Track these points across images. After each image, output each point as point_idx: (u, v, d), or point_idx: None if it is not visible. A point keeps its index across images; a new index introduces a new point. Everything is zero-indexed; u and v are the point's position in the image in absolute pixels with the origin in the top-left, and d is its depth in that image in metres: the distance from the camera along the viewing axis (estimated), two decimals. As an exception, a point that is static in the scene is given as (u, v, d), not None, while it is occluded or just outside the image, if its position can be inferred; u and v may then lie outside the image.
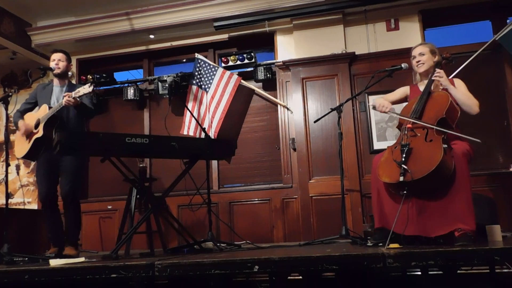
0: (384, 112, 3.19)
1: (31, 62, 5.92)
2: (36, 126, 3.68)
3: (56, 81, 3.90)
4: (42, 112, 3.70)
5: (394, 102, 3.46)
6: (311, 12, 5.22)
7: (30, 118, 3.78)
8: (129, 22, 5.64)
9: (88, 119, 3.90)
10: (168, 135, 3.86)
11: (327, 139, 5.11)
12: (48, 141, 3.52)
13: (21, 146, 3.79)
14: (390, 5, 5.17)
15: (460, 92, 3.05)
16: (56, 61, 3.86)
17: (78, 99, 3.49)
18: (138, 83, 5.89)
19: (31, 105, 3.91)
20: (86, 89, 3.43)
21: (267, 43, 5.71)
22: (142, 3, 5.56)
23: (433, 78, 3.09)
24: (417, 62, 3.22)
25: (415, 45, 3.32)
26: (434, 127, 2.82)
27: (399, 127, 3.08)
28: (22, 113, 3.89)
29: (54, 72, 3.85)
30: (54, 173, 3.75)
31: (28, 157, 3.80)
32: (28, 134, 3.74)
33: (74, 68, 5.90)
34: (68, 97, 3.46)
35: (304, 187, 5.09)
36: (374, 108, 3.31)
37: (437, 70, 3.10)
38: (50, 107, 3.66)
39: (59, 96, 3.76)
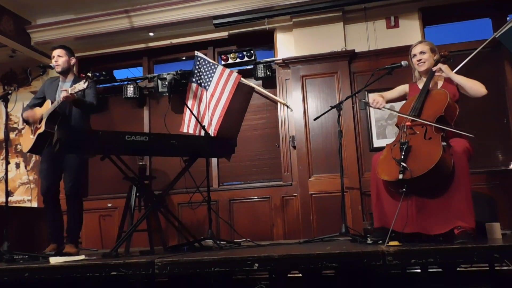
0: (378, 108, 3.22)
1: (30, 60, 5.92)
2: (40, 121, 3.70)
3: (61, 77, 3.91)
4: (45, 107, 3.72)
5: (391, 100, 3.47)
6: (311, 10, 5.21)
7: (37, 113, 3.80)
8: (128, 20, 5.63)
9: (90, 114, 3.90)
10: (168, 133, 3.86)
11: (327, 137, 5.11)
12: (50, 137, 3.52)
13: (27, 141, 3.82)
14: (390, 3, 5.16)
15: (463, 78, 3.06)
16: (56, 57, 3.87)
17: (74, 94, 3.49)
18: (137, 81, 5.88)
19: (40, 100, 3.92)
20: (81, 85, 3.44)
21: (266, 40, 5.70)
22: (141, 0, 5.55)
23: (433, 69, 3.10)
24: (418, 60, 3.22)
25: (415, 43, 3.32)
26: (433, 124, 2.83)
27: (398, 124, 3.08)
28: (31, 107, 3.91)
29: (55, 70, 3.86)
30: (57, 169, 3.75)
31: (33, 151, 3.83)
32: (34, 129, 3.75)
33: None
34: (66, 92, 3.47)
35: (304, 185, 5.09)
36: (367, 104, 3.35)
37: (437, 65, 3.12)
38: (52, 102, 3.67)
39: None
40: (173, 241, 5.10)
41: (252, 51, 5.38)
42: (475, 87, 3.02)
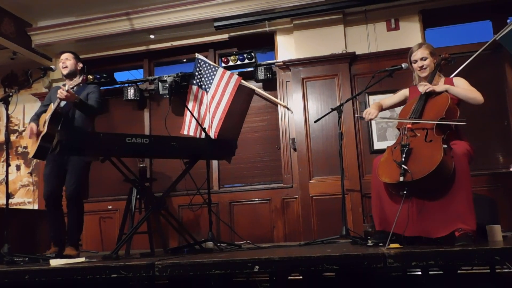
0: (371, 119, 3.27)
1: (31, 62, 5.92)
2: (44, 124, 3.70)
3: (68, 81, 3.92)
4: (49, 111, 3.72)
5: (391, 106, 3.46)
6: (312, 12, 5.22)
7: (42, 119, 3.82)
8: (129, 22, 5.64)
9: (92, 116, 3.90)
10: (169, 135, 3.87)
11: (327, 139, 5.11)
12: (52, 139, 3.52)
13: (33, 146, 3.81)
14: (390, 5, 5.17)
15: (460, 88, 3.04)
16: (64, 60, 3.90)
17: (74, 93, 3.51)
18: (138, 83, 5.89)
19: (47, 107, 3.91)
20: (77, 80, 3.55)
21: (267, 43, 5.71)
22: (142, 3, 5.56)
23: (426, 91, 3.06)
24: (420, 67, 3.20)
25: (414, 47, 3.27)
26: (433, 121, 2.83)
27: (399, 127, 3.07)
28: (38, 115, 3.92)
29: (62, 72, 3.89)
30: (60, 174, 3.75)
31: (37, 156, 3.77)
32: (38, 134, 3.75)
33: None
34: (62, 89, 3.48)
35: (304, 187, 5.09)
36: (361, 118, 3.37)
37: (423, 84, 3.08)
38: None
39: None
40: (173, 243, 5.09)
41: (252, 53, 5.38)
42: (471, 96, 2.99)
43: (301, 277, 3.37)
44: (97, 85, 4.12)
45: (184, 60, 6.11)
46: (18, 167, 6.16)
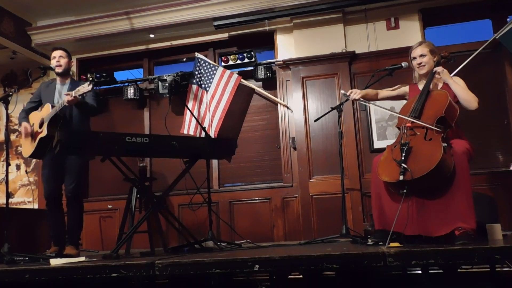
0: (354, 99, 3.35)
1: (31, 61, 5.92)
2: (41, 125, 3.69)
3: (58, 79, 3.91)
4: (45, 111, 3.72)
5: (388, 97, 3.47)
6: (311, 11, 5.22)
7: (35, 118, 3.80)
8: (129, 21, 5.63)
9: (91, 116, 3.91)
10: (168, 134, 3.86)
11: (327, 138, 5.10)
12: (52, 140, 3.52)
13: (28, 145, 3.81)
14: (390, 4, 5.16)
15: (460, 87, 3.05)
16: (57, 58, 3.87)
17: (78, 97, 3.50)
18: (138, 83, 5.88)
19: (36, 104, 3.92)
20: (86, 87, 3.46)
21: (267, 42, 5.70)
22: (142, 2, 5.56)
23: (433, 71, 3.09)
24: (419, 64, 3.21)
25: (414, 45, 3.29)
26: (430, 126, 2.82)
27: (399, 126, 3.07)
28: (27, 112, 3.91)
29: (56, 70, 3.86)
30: (59, 173, 3.76)
31: (34, 156, 3.81)
32: (33, 134, 3.75)
33: (74, 67, 5.90)
34: (70, 96, 3.48)
35: (304, 186, 5.09)
36: (345, 95, 3.45)
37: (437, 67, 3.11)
38: (53, 106, 3.67)
39: (62, 94, 3.77)
40: (173, 243, 5.09)
41: (252, 53, 5.38)
42: (467, 98, 2.99)
43: (301, 276, 3.38)
44: (94, 84, 4.11)
45: (184, 60, 6.10)
46: (18, 167, 6.16)
